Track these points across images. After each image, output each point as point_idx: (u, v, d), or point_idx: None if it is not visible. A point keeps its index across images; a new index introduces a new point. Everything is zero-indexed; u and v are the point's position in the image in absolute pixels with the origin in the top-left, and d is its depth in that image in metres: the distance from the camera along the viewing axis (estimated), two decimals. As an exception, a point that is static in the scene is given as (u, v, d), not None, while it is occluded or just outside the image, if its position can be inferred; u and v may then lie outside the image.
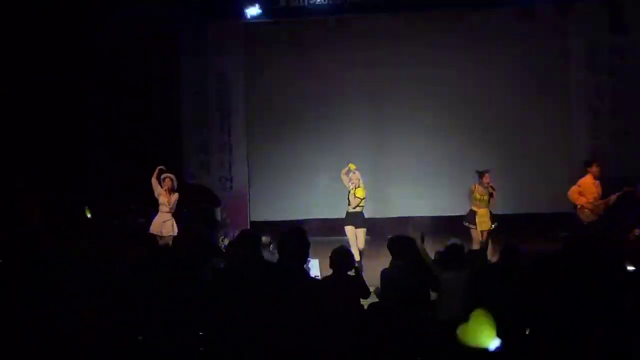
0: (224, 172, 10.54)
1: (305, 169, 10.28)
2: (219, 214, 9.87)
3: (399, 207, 9.90)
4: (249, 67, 9.92)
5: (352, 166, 7.88)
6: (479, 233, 7.55)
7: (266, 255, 5.17)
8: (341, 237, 7.74)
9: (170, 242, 7.63)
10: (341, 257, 4.70)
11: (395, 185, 9.96)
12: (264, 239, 6.10)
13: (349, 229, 7.76)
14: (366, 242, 7.78)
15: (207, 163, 10.60)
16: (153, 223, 7.86)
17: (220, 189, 10.39)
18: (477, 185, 7.74)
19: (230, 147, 10.48)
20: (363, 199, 7.79)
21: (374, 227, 8.30)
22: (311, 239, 3.93)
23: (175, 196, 7.93)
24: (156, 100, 9.70)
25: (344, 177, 7.92)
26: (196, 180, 10.39)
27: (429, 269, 4.84)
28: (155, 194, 7.84)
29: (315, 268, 6.71)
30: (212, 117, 10.41)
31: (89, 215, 6.22)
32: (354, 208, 7.75)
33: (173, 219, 7.88)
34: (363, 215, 7.83)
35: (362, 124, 10.10)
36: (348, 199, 7.80)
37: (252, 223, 10.34)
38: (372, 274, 5.06)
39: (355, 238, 7.69)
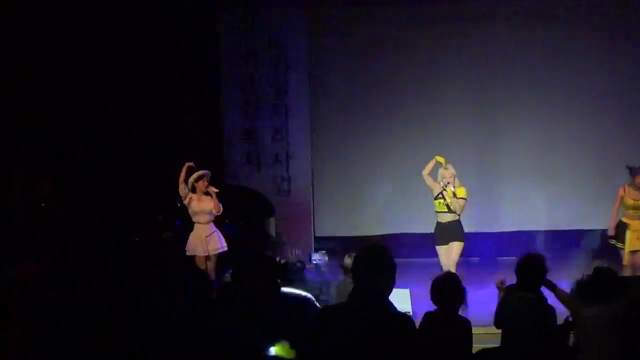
0: (280, 170, 10.91)
1: (385, 171, 10.65)
2: (272, 226, 10.10)
3: (505, 220, 10.19)
4: (313, 40, 10.55)
5: (440, 159, 7.76)
6: (631, 254, 7.37)
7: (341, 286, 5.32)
8: (431, 259, 7.83)
9: (213, 263, 7.68)
10: (449, 288, 4.67)
11: (499, 194, 10.23)
12: (346, 260, 6.25)
13: (441, 250, 7.65)
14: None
15: (255, 157, 11.00)
16: (189, 242, 7.90)
17: (274, 193, 10.70)
18: (627, 187, 7.48)
19: (288, 137, 10.88)
20: (466, 200, 7.63)
21: (471, 243, 8.46)
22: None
23: (217, 200, 8.02)
24: (186, 70, 10.14)
25: (428, 178, 7.79)
26: (241, 180, 10.70)
27: (565, 303, 4.86)
28: (185, 201, 7.93)
29: (404, 300, 6.55)
30: (264, 96, 10.80)
31: None
32: (451, 216, 7.60)
33: (217, 231, 7.97)
34: (461, 225, 7.68)
35: (461, 121, 10.37)
36: (440, 204, 7.65)
37: (317, 239, 10.78)
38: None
39: (448, 256, 7.57)
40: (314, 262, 8.27)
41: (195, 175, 7.95)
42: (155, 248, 8.60)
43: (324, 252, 8.14)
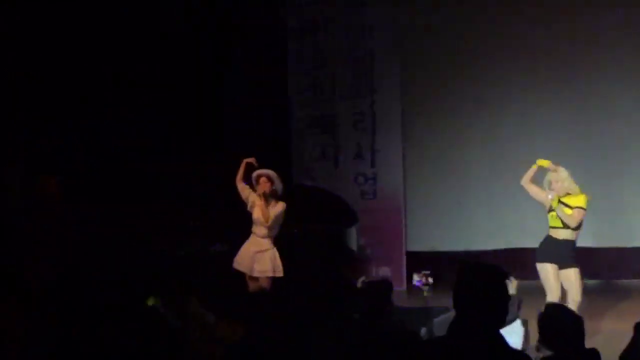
0: (362, 167, 11.07)
1: (496, 170, 10.65)
2: (353, 238, 10.30)
3: (632, 233, 10.25)
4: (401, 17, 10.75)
5: (543, 162, 7.57)
6: None
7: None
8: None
9: (265, 287, 7.70)
10: (567, 324, 4.56)
11: (624, 202, 10.26)
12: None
13: (546, 268, 7.44)
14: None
15: (332, 151, 11.19)
16: (239, 253, 7.97)
17: (357, 196, 10.87)
18: None
19: (373, 125, 11.03)
20: (584, 210, 7.41)
21: (590, 262, 8.42)
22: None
23: (279, 207, 7.99)
24: (244, 44, 10.61)
25: (531, 187, 7.63)
26: (314, 180, 11.03)
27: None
28: (248, 206, 7.99)
29: (516, 333, 6.46)
30: (342, 74, 11.01)
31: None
32: (566, 233, 7.43)
33: (275, 249, 7.92)
34: (574, 245, 7.46)
35: (575, 118, 10.49)
36: (553, 217, 7.50)
37: (409, 255, 10.77)
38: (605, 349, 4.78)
39: (558, 282, 7.37)
40: (416, 284, 8.09)
41: (254, 174, 8.02)
42: (202, 263, 8.71)
43: (427, 272, 7.96)
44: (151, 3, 10.03)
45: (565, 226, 7.44)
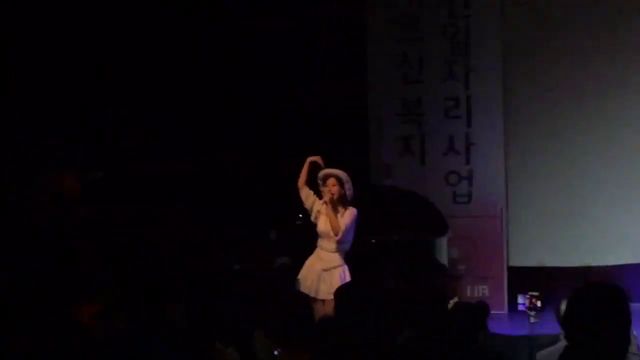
0: (456, 164, 11.14)
1: (610, 175, 10.72)
2: (443, 250, 10.18)
3: None
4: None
5: None
6: None
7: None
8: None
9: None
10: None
11: None
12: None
13: None
14: None
15: (418, 144, 11.23)
16: (302, 272, 8.01)
17: (448, 200, 10.93)
18: None
19: (470, 114, 11.10)
20: None
21: None
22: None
23: (349, 215, 7.98)
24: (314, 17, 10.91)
25: None
26: (396, 179, 11.01)
27: None
28: (312, 216, 8.07)
29: None
30: (432, 51, 11.09)
31: None
32: None
33: (345, 266, 7.93)
34: None
35: None
36: None
37: (512, 271, 10.78)
38: None
39: None
40: (520, 307, 8.11)
41: (320, 175, 8.02)
42: (263, 279, 8.92)
43: (535, 294, 7.99)
44: None
45: None
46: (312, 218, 8.03)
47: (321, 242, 8.04)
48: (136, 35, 10.42)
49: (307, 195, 8.01)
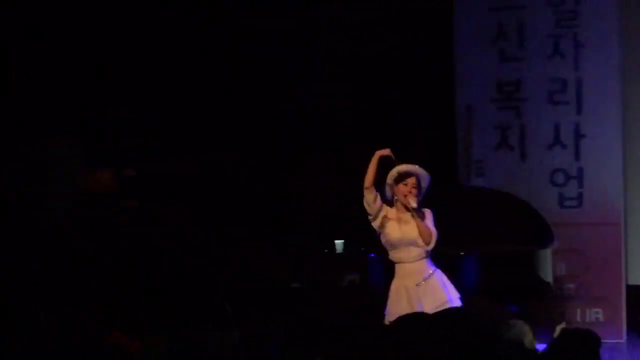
0: (564, 161, 11.11)
1: None
2: (548, 265, 10.12)
3: None
4: None
5: None
6: None
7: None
8: None
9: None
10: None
11: None
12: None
13: None
14: None
15: (517, 136, 11.20)
16: (389, 300, 8.00)
17: (553, 203, 10.91)
18: None
19: (580, 99, 11.08)
20: None
21: None
22: None
23: (430, 215, 8.05)
24: None
25: None
26: (490, 179, 11.06)
27: None
28: (376, 222, 8.07)
29: None
30: (533, 22, 11.08)
31: None
32: None
33: (438, 270, 8.01)
34: None
35: None
36: None
37: (633, 290, 10.79)
38: None
39: None
40: None
41: (394, 171, 7.95)
42: (329, 301, 9.17)
43: None
44: None
45: None
46: (376, 225, 8.01)
47: (399, 255, 8.00)
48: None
49: (374, 197, 7.95)
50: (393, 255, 8.02)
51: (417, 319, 5.51)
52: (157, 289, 9.33)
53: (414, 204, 7.80)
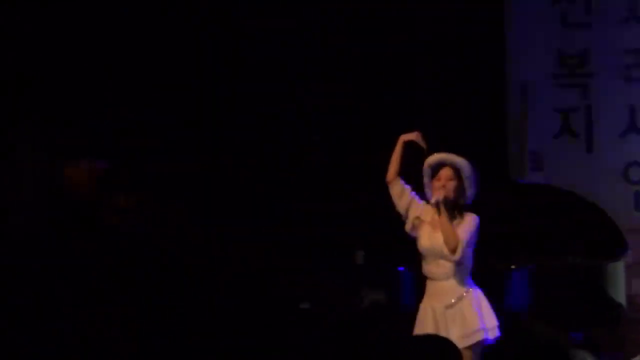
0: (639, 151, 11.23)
1: None
2: (621, 280, 10.06)
3: None
4: None
5: None
6: None
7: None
8: None
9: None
10: None
11: None
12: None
13: None
14: None
15: (582, 122, 11.31)
16: (417, 319, 8.07)
17: (628, 205, 11.08)
18: None
19: None
20: None
21: None
22: None
23: (469, 222, 7.96)
24: None
25: None
26: (551, 174, 11.17)
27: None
28: (407, 225, 8.13)
29: None
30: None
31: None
32: None
33: (476, 290, 8.01)
34: None
35: None
36: None
37: None
38: None
39: None
40: None
41: (425, 165, 7.97)
42: (347, 326, 9.33)
43: None
44: None
45: None
46: (408, 228, 8.03)
47: (429, 268, 7.94)
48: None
49: (400, 191, 7.98)
50: (424, 268, 8.02)
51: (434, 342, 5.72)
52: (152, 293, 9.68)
53: (434, 197, 7.77)
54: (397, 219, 8.41)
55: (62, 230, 10.75)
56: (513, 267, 9.43)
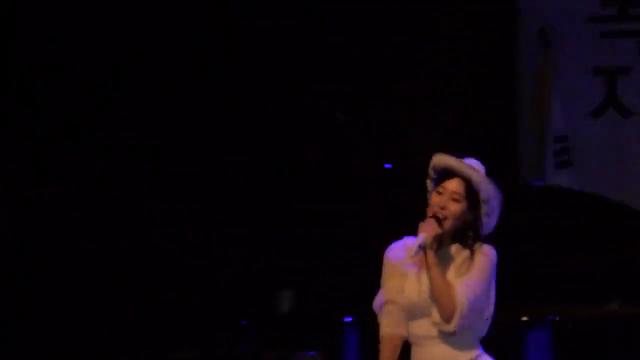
0: None
1: None
2: None
3: None
4: None
5: None
6: None
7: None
8: None
9: None
10: None
11: None
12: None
13: None
14: None
15: (635, 91, 10.18)
16: None
17: None
18: None
19: None
20: None
21: None
22: None
23: (484, 262, 6.55)
24: None
25: None
26: (573, 172, 10.46)
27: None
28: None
29: None
30: None
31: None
32: None
33: (486, 357, 6.68)
34: None
35: None
36: None
37: None
38: None
39: None
40: None
41: (436, 162, 6.33)
42: None
43: None
44: None
45: None
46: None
47: (413, 328, 6.20)
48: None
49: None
50: (410, 328, 6.25)
51: None
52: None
53: (419, 241, 5.83)
54: (348, 238, 8.45)
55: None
56: (525, 319, 8.05)
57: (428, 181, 5.99)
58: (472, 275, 5.94)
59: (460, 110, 10.39)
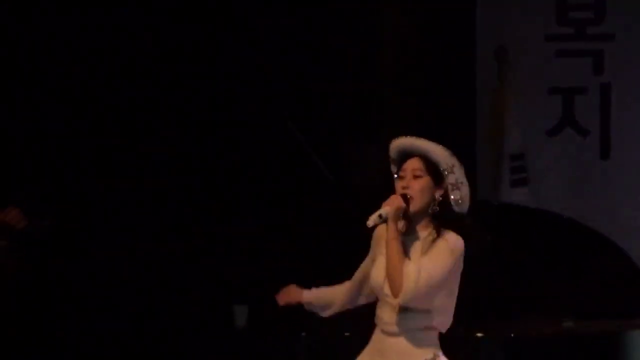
0: None
1: None
2: None
3: None
4: None
5: None
6: None
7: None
8: None
9: None
10: None
11: None
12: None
13: None
14: None
15: (591, 109, 10.27)
16: None
17: None
18: None
19: None
20: None
21: None
22: None
23: (443, 249, 6.93)
24: None
25: None
26: (528, 191, 10.30)
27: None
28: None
29: None
30: None
31: None
32: None
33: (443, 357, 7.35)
34: None
35: None
36: None
37: None
38: None
39: None
40: None
41: (392, 147, 6.72)
42: None
43: None
44: None
45: None
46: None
47: (381, 313, 6.43)
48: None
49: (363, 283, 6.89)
50: (377, 312, 6.61)
51: None
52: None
53: (371, 220, 5.99)
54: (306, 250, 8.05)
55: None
56: (479, 335, 7.94)
57: (393, 168, 6.27)
58: (430, 256, 6.03)
59: (418, 127, 10.50)
